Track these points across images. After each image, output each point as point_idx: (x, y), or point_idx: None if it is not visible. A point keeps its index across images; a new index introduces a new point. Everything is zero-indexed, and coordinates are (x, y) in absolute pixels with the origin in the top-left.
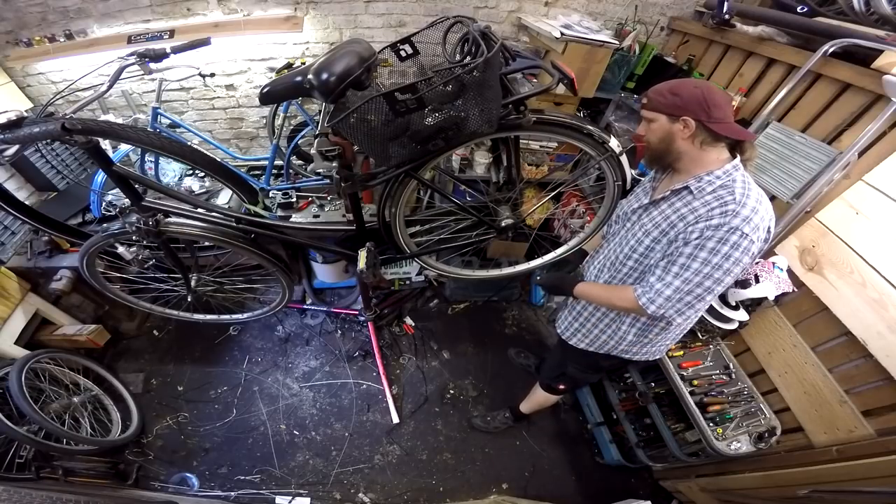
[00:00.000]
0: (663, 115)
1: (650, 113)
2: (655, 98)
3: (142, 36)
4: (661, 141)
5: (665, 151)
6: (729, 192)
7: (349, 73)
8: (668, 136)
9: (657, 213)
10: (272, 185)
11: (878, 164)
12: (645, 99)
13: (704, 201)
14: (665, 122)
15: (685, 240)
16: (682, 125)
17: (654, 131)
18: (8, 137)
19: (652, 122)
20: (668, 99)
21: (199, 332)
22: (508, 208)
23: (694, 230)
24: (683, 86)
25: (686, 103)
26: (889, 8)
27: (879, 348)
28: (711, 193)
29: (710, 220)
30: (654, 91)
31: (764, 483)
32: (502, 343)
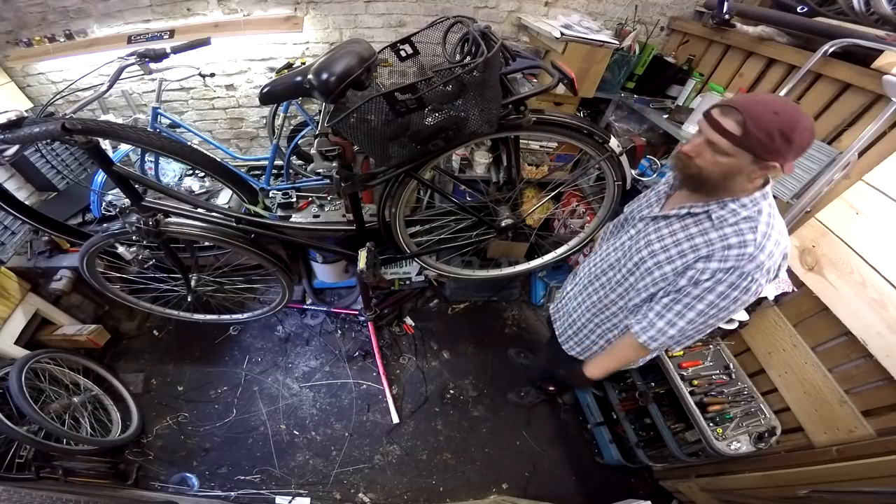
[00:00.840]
0: (750, 156)
1: (735, 149)
2: (760, 139)
3: (142, 36)
4: (724, 176)
5: (720, 186)
6: (751, 228)
7: (349, 73)
8: (737, 173)
9: (666, 231)
10: (272, 185)
11: (878, 164)
12: (738, 129)
13: (722, 234)
14: (747, 163)
15: (694, 280)
16: (762, 169)
17: (723, 166)
18: (8, 137)
19: (726, 154)
20: (777, 144)
21: (199, 332)
22: (508, 208)
23: (705, 271)
24: (798, 128)
25: (790, 150)
26: (889, 8)
27: (879, 348)
28: (732, 226)
29: (723, 262)
30: (760, 126)
31: (764, 483)
32: (502, 343)
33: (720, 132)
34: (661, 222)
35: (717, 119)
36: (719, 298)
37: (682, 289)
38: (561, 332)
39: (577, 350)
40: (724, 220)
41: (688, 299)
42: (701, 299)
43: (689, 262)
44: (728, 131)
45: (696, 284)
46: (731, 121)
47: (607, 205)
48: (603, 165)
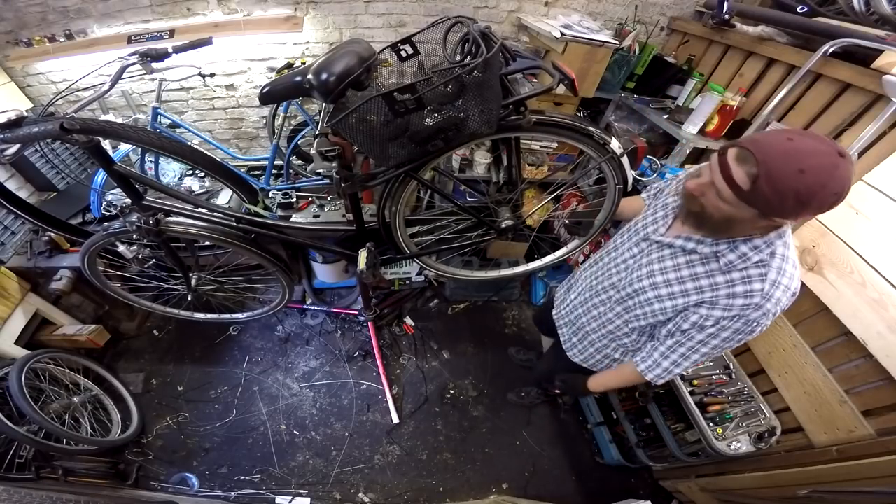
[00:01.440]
0: (755, 211)
1: (740, 202)
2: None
3: (142, 36)
4: (725, 221)
5: (719, 227)
6: (760, 276)
7: (349, 73)
8: (739, 221)
9: (670, 263)
10: (272, 185)
11: (878, 164)
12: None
13: (729, 279)
14: (750, 216)
15: (698, 325)
16: (768, 224)
17: (723, 212)
18: (8, 137)
19: (728, 204)
20: (788, 207)
21: (199, 332)
22: (509, 209)
23: (709, 318)
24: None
25: (804, 212)
26: (889, 8)
27: (879, 348)
28: (741, 272)
29: (727, 311)
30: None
31: (764, 483)
32: (502, 343)
33: (727, 180)
34: (665, 250)
35: (728, 164)
36: (723, 342)
37: (686, 332)
38: (566, 339)
39: (580, 358)
40: (732, 265)
41: (692, 343)
42: (705, 343)
43: (690, 304)
44: (735, 182)
45: (701, 330)
46: (742, 172)
47: (608, 206)
48: (603, 167)
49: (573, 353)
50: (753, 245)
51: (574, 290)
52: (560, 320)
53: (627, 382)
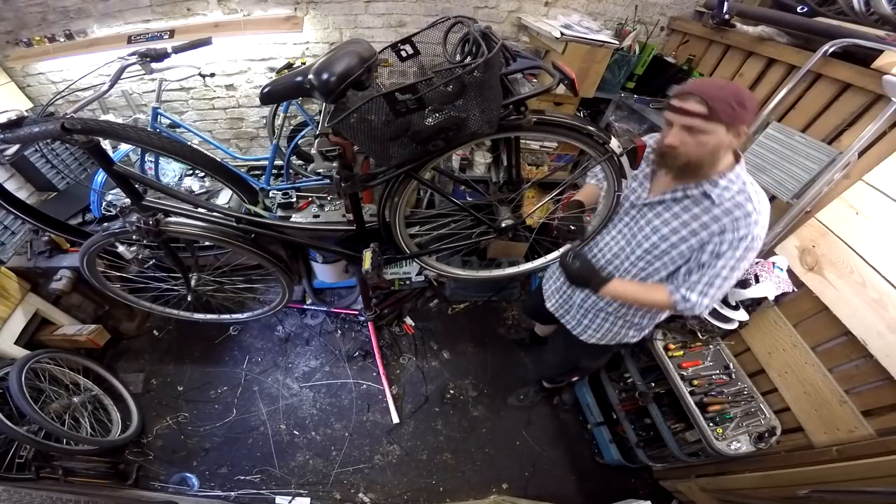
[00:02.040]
0: (723, 127)
1: (709, 125)
2: (724, 109)
3: (142, 36)
4: (711, 154)
5: (708, 164)
6: (747, 198)
7: (349, 73)
8: (719, 147)
9: (668, 214)
10: (272, 185)
11: (878, 164)
12: (702, 107)
13: (725, 209)
14: (722, 134)
15: (715, 252)
16: (735, 136)
17: (707, 145)
18: (8, 137)
19: (705, 133)
20: (737, 111)
21: (199, 332)
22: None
23: (723, 243)
24: (744, 94)
25: (748, 114)
26: (889, 8)
27: (879, 348)
28: (731, 201)
29: (737, 232)
30: (718, 100)
31: (764, 483)
32: (502, 343)
33: (689, 115)
34: (657, 207)
35: (683, 107)
36: (738, 261)
37: (706, 263)
38: (575, 325)
39: (596, 337)
40: (722, 196)
41: (713, 270)
42: (724, 267)
43: (704, 238)
44: (697, 112)
45: (719, 256)
46: (693, 103)
47: (608, 204)
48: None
49: (588, 336)
50: (728, 179)
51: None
52: (559, 309)
53: (648, 303)
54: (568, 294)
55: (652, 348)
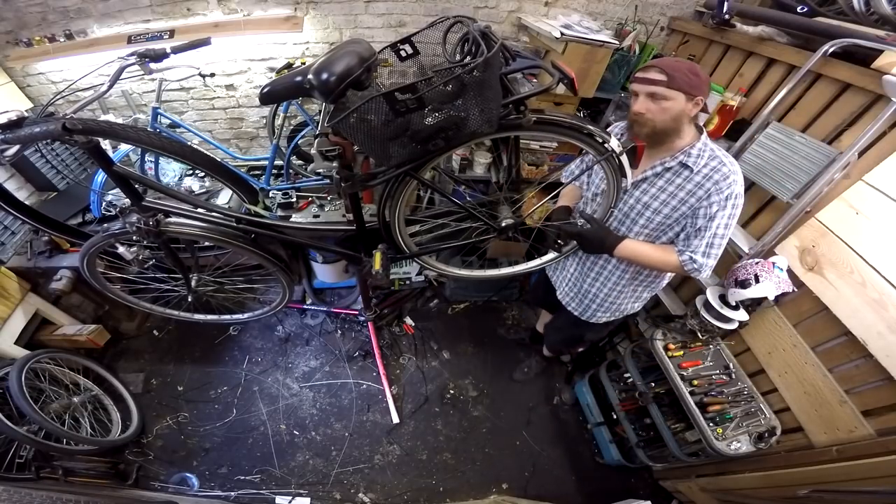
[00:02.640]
0: (683, 95)
1: (670, 91)
2: (681, 77)
3: (142, 36)
4: (673, 120)
5: (672, 130)
6: (719, 161)
7: (349, 73)
8: (681, 115)
9: (654, 189)
10: (272, 185)
11: (878, 164)
12: (662, 75)
13: (705, 175)
14: (682, 102)
15: (708, 216)
16: (694, 105)
17: (668, 110)
18: (8, 137)
19: (667, 99)
20: (692, 79)
21: (199, 332)
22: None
23: (712, 205)
24: (697, 67)
25: (702, 83)
26: (889, 8)
27: (879, 348)
28: (707, 166)
29: (720, 193)
30: (676, 70)
31: (764, 483)
32: (502, 343)
33: (654, 83)
34: (642, 185)
35: (646, 76)
36: (729, 219)
37: (702, 227)
38: (583, 311)
39: (606, 316)
40: (697, 164)
41: (710, 232)
42: (720, 226)
43: (694, 205)
44: (658, 80)
45: (713, 218)
46: (654, 73)
47: (607, 204)
48: (603, 165)
49: (598, 317)
50: (698, 149)
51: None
52: (566, 297)
53: (659, 265)
54: (580, 286)
55: (652, 348)
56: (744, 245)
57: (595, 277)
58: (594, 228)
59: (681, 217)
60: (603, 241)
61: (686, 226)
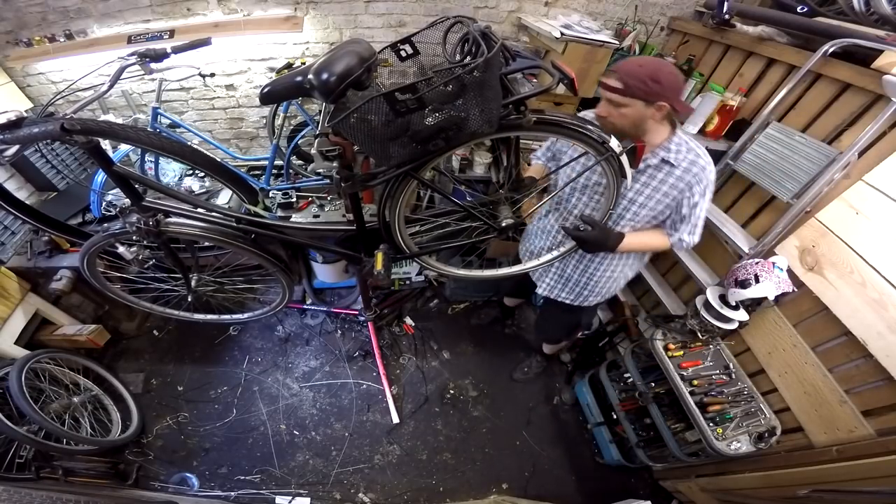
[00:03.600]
0: (640, 102)
1: (626, 99)
2: (636, 86)
3: (142, 36)
4: (633, 125)
5: (634, 133)
6: (695, 154)
7: (349, 73)
8: (641, 119)
9: (640, 185)
10: (272, 185)
11: (878, 164)
12: (619, 83)
13: (685, 168)
14: (641, 108)
15: (691, 204)
16: (657, 109)
17: (627, 116)
18: (8, 137)
19: (624, 106)
20: (651, 87)
21: (199, 332)
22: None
23: (694, 195)
24: (661, 72)
25: (664, 90)
26: (889, 8)
27: (879, 348)
28: (685, 161)
29: (700, 183)
30: (633, 77)
31: (764, 483)
32: (502, 343)
33: (609, 90)
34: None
35: (605, 82)
36: (707, 202)
37: (687, 214)
38: (574, 298)
39: (598, 298)
40: (678, 159)
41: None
42: (702, 209)
43: (677, 197)
44: (614, 87)
45: (696, 206)
46: (613, 80)
47: (607, 205)
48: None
49: (591, 300)
50: (676, 144)
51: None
52: (554, 290)
53: (653, 248)
54: (563, 273)
55: (652, 348)
56: (744, 245)
57: (576, 265)
58: (597, 232)
59: (665, 208)
60: (605, 242)
61: (671, 214)
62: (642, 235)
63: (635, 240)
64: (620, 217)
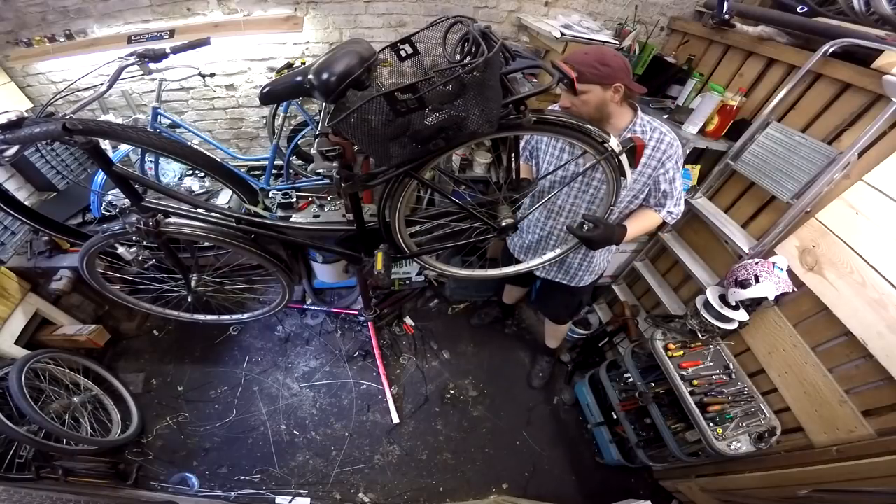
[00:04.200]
0: (597, 86)
1: (583, 86)
2: (588, 71)
3: (142, 36)
4: (596, 109)
5: (600, 117)
6: (660, 132)
7: (349, 73)
8: (602, 103)
9: None
10: (272, 185)
11: (878, 164)
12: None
13: (653, 147)
14: (599, 92)
15: (668, 178)
16: (614, 91)
17: (589, 102)
18: (8, 137)
19: (585, 93)
20: (602, 70)
21: (199, 333)
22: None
23: (668, 169)
24: (607, 56)
25: (615, 71)
26: (889, 8)
27: (879, 348)
28: (651, 139)
29: (671, 159)
30: (583, 64)
31: (764, 483)
32: (502, 343)
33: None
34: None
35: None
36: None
37: (667, 189)
38: (570, 279)
39: (592, 278)
40: (644, 138)
41: (673, 186)
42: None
43: (653, 175)
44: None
45: (674, 179)
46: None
47: (607, 203)
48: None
49: (584, 281)
50: (640, 125)
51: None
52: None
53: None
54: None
55: (652, 348)
56: (744, 245)
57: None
58: (602, 230)
59: (643, 187)
60: (612, 238)
61: (650, 192)
62: (638, 221)
63: (635, 227)
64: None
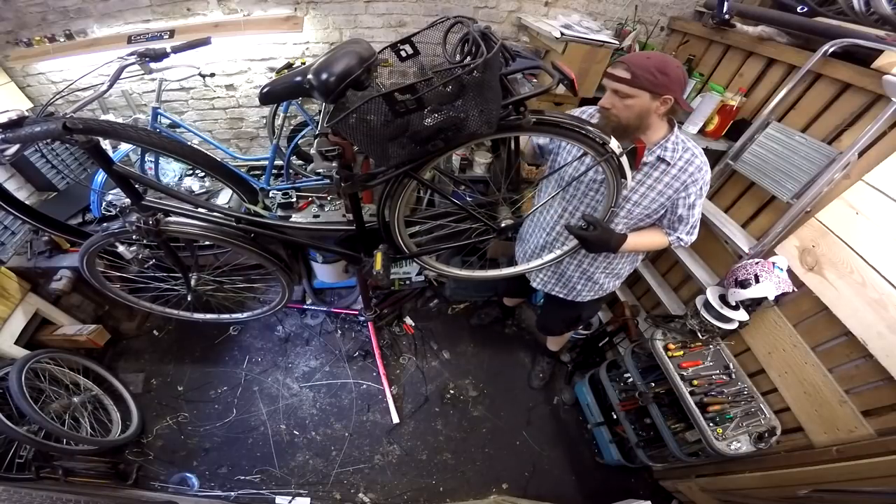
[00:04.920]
0: (647, 93)
1: (633, 90)
2: (644, 76)
3: (142, 36)
4: (637, 117)
5: (637, 126)
6: (692, 154)
7: (349, 73)
8: (646, 112)
9: (634, 183)
10: (272, 184)
11: (878, 164)
12: (627, 73)
13: (680, 167)
14: (647, 100)
15: (687, 204)
16: (662, 102)
17: (632, 107)
18: (9, 137)
19: (631, 97)
20: (658, 79)
21: (199, 332)
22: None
23: (690, 195)
24: (669, 65)
25: (671, 83)
26: (889, 8)
27: (879, 348)
28: (682, 160)
29: (696, 184)
30: (641, 68)
31: (764, 483)
32: (502, 343)
33: (617, 80)
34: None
35: (612, 73)
36: (702, 200)
37: (684, 215)
38: (568, 293)
39: (590, 296)
40: (674, 157)
41: (692, 213)
42: (697, 207)
43: (672, 196)
44: (622, 77)
45: (693, 206)
46: (620, 70)
47: (607, 204)
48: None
49: (582, 297)
50: (673, 143)
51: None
52: (548, 284)
53: (652, 247)
54: (556, 268)
55: (652, 348)
56: (744, 245)
57: (577, 265)
58: (599, 232)
59: (659, 207)
60: (609, 243)
61: (666, 213)
62: (642, 235)
63: (636, 240)
64: (615, 214)
